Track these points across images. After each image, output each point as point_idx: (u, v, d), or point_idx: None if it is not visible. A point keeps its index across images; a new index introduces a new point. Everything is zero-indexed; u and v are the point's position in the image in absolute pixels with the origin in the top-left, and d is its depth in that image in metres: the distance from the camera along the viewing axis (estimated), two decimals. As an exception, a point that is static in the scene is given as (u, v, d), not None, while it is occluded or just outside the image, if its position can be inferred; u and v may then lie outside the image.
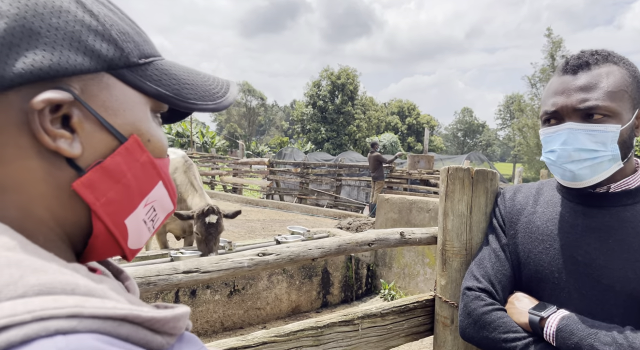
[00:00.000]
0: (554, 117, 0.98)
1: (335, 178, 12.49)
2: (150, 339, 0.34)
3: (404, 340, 1.31)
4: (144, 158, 0.43)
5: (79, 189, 0.39)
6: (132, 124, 0.42)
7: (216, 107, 0.48)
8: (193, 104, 0.46)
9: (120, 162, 0.41)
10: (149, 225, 0.46)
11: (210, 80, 0.50)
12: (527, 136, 33.96)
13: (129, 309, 0.32)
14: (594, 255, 0.96)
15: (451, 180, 1.29)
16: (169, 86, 0.45)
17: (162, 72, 0.45)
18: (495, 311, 1.04)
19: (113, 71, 0.41)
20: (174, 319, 0.36)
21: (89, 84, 0.39)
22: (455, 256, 1.28)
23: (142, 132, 0.43)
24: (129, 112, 0.42)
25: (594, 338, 0.87)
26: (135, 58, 0.42)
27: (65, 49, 0.37)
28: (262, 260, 0.98)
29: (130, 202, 0.43)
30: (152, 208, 0.46)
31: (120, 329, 0.31)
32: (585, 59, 0.96)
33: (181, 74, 0.47)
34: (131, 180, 0.42)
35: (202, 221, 3.58)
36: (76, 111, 0.39)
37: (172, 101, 0.45)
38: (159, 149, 0.46)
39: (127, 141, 0.42)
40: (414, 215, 4.74)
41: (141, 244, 0.46)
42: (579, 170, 0.95)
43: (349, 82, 40.03)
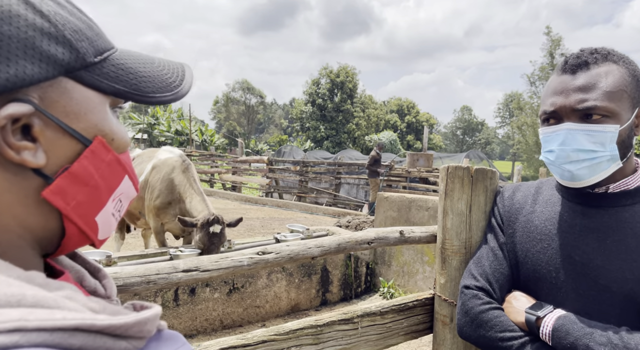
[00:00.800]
0: (552, 117, 0.98)
1: (334, 176, 12.49)
2: (110, 345, 0.33)
3: (404, 338, 1.31)
4: (110, 157, 0.43)
5: (48, 197, 0.39)
6: (94, 125, 0.42)
7: (174, 98, 0.47)
8: (152, 97, 0.45)
9: (87, 165, 0.41)
10: (117, 216, 0.47)
11: (165, 69, 0.49)
12: (526, 134, 33.98)
13: (82, 318, 0.31)
14: (591, 256, 0.96)
15: (451, 179, 1.29)
16: (127, 82, 0.44)
17: (119, 68, 0.44)
18: (492, 310, 1.04)
19: (70, 74, 0.40)
20: (137, 324, 0.35)
21: (48, 91, 0.38)
22: (454, 255, 1.28)
23: (105, 133, 0.43)
24: (91, 115, 0.41)
25: (589, 338, 0.88)
26: (90, 57, 0.41)
27: (20, 58, 0.35)
28: (262, 259, 0.98)
29: (99, 200, 0.43)
30: (118, 201, 0.46)
31: (71, 340, 0.30)
32: (585, 58, 0.96)
33: (137, 67, 0.46)
34: (99, 180, 0.42)
35: (205, 231, 3.52)
36: (37, 120, 0.37)
37: (131, 97, 0.44)
38: (123, 145, 0.46)
39: (92, 144, 0.41)
40: (413, 213, 4.75)
41: (109, 233, 0.47)
42: (578, 171, 0.95)
43: (348, 80, 39.99)
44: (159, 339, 0.39)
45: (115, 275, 0.80)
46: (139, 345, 0.36)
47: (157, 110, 32.24)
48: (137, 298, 3.54)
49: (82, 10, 0.43)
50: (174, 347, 0.40)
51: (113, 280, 0.81)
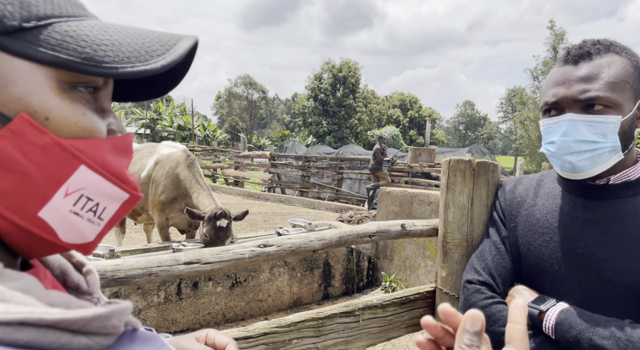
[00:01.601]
0: (554, 108, 0.98)
1: (336, 171, 12.49)
2: (66, 340, 0.30)
3: (405, 331, 1.32)
4: (45, 140, 0.36)
5: None
6: (17, 99, 0.35)
7: (147, 69, 0.38)
8: (111, 67, 0.37)
9: (5, 147, 0.34)
10: (88, 217, 0.40)
11: (149, 37, 0.41)
12: (529, 129, 33.84)
13: (28, 312, 0.28)
14: (593, 248, 0.96)
15: (452, 172, 1.29)
16: (75, 50, 0.36)
17: (66, 35, 0.37)
18: (495, 304, 1.04)
19: None
20: (98, 318, 0.32)
21: None
22: (456, 248, 1.28)
23: (34, 109, 0.36)
24: (13, 87, 0.35)
25: (592, 332, 0.87)
26: (14, 21, 0.35)
27: None
28: (263, 252, 0.98)
29: (37, 192, 0.36)
30: (82, 197, 0.39)
31: (17, 334, 0.28)
32: (587, 49, 0.95)
33: (99, 35, 0.38)
34: (29, 167, 0.35)
35: (212, 225, 3.57)
36: None
37: (80, 67, 0.36)
38: (73, 128, 0.38)
39: (12, 121, 0.35)
40: (415, 208, 4.75)
41: (87, 238, 0.40)
42: (579, 162, 0.94)
43: (351, 75, 39.86)
44: (133, 339, 0.36)
45: (117, 268, 0.81)
46: (104, 343, 0.33)
47: (160, 105, 32.24)
48: (140, 291, 3.56)
49: None
50: (150, 348, 0.37)
51: (115, 272, 0.82)
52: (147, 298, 3.61)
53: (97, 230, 0.41)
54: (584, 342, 0.88)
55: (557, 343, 0.93)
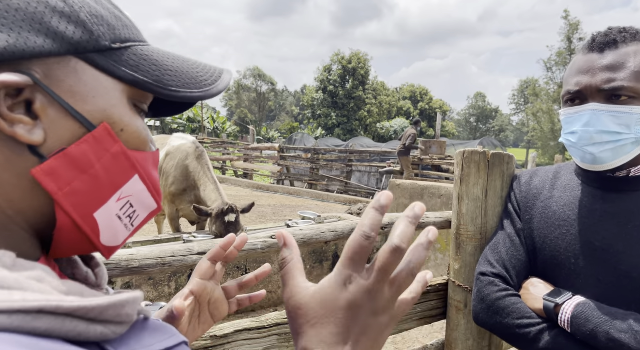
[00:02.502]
0: (577, 97, 0.95)
1: (345, 164, 12.47)
2: (83, 329, 0.31)
3: (417, 323, 1.31)
4: (116, 148, 0.41)
5: (38, 176, 0.37)
6: (102, 111, 0.40)
7: (202, 95, 0.45)
8: (175, 91, 0.43)
9: (86, 151, 0.39)
10: (125, 222, 0.44)
11: (200, 68, 0.47)
12: (542, 121, 33.38)
13: (46, 300, 0.29)
14: (612, 241, 0.94)
15: (466, 164, 1.27)
16: (148, 72, 0.42)
17: (141, 58, 0.42)
18: (509, 297, 1.03)
19: (82, 55, 0.39)
20: (113, 307, 0.33)
21: (54, 68, 0.37)
22: (469, 240, 1.26)
23: (114, 121, 0.41)
24: (100, 99, 0.40)
25: (609, 325, 0.86)
26: (106, 42, 0.40)
27: (24, 30, 0.35)
28: (276, 243, 0.98)
29: (99, 194, 0.40)
30: (127, 203, 0.43)
31: (36, 322, 0.28)
32: (613, 37, 0.92)
33: (164, 60, 0.44)
34: (100, 171, 0.40)
35: (221, 220, 3.55)
36: (39, 96, 0.37)
37: (152, 88, 0.42)
38: (136, 141, 0.43)
39: (96, 129, 0.39)
40: (426, 200, 4.72)
41: (117, 241, 0.44)
42: (600, 153, 0.92)
43: (360, 67, 39.58)
44: (144, 328, 0.38)
45: (131, 257, 0.81)
46: (118, 331, 0.34)
47: (169, 98, 32.42)
48: (151, 282, 3.60)
49: (113, 3, 0.44)
50: (161, 337, 0.38)
51: (129, 262, 0.82)
52: (159, 289, 3.65)
53: (126, 235, 0.45)
54: (601, 335, 0.86)
55: (573, 337, 0.92)
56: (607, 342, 0.86)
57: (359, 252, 0.39)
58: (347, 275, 0.39)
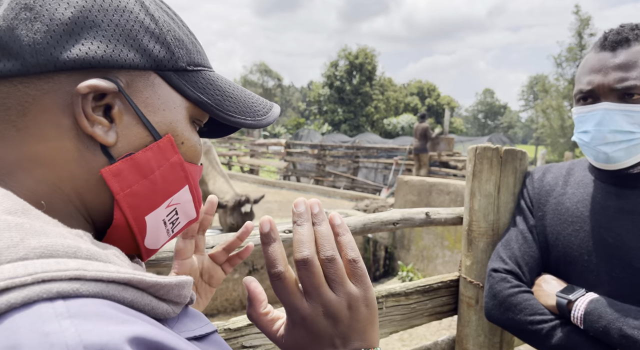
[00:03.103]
0: (589, 96, 0.95)
1: (352, 160, 12.45)
2: (155, 305, 0.34)
3: (428, 319, 1.31)
4: (175, 159, 0.44)
5: (106, 176, 0.40)
6: (169, 123, 0.43)
7: (255, 124, 0.49)
8: (232, 116, 0.47)
9: (150, 158, 0.42)
10: (169, 228, 0.47)
11: (254, 99, 0.51)
12: (551, 118, 33.05)
13: (132, 273, 0.32)
14: (625, 238, 0.94)
15: (479, 160, 1.26)
16: (212, 96, 0.46)
17: (208, 82, 0.46)
18: (522, 293, 1.02)
19: (161, 72, 0.43)
20: (178, 286, 0.36)
21: (136, 79, 0.41)
22: (481, 236, 1.26)
23: (177, 133, 0.44)
24: (168, 113, 0.43)
25: (622, 322, 0.86)
26: (183, 63, 0.44)
27: (120, 43, 0.39)
28: (289, 238, 0.98)
29: (153, 199, 0.43)
30: (174, 211, 0.46)
31: (124, 293, 0.31)
32: (625, 35, 0.91)
33: (226, 87, 0.48)
34: (158, 177, 0.43)
35: (238, 212, 3.71)
36: (118, 102, 0.40)
37: (212, 110, 0.46)
38: (192, 154, 0.47)
39: (161, 139, 0.43)
40: (434, 197, 4.70)
41: (158, 245, 0.47)
42: (614, 153, 0.92)
43: (367, 62, 39.38)
44: (187, 314, 0.40)
45: (146, 250, 0.82)
46: (176, 311, 0.37)
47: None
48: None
49: (191, 31, 0.48)
50: (200, 323, 0.41)
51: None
52: (168, 282, 3.69)
53: (165, 240, 0.48)
54: (614, 332, 0.86)
55: (586, 333, 0.92)
56: (620, 338, 0.86)
57: (280, 293, 0.43)
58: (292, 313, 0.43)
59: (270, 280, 0.43)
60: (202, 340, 0.39)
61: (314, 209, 0.45)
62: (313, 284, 0.41)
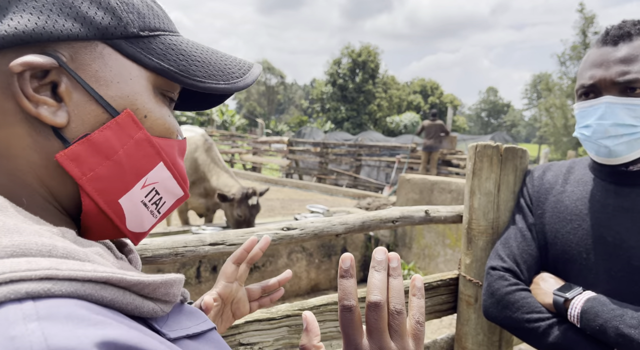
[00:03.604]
0: (591, 91, 0.94)
1: (354, 158, 12.43)
2: (139, 304, 0.33)
3: (427, 317, 1.31)
4: (140, 135, 0.41)
5: (62, 161, 0.37)
6: (126, 97, 0.40)
7: (229, 87, 0.45)
8: (200, 81, 0.43)
9: (110, 137, 0.39)
10: (152, 209, 0.44)
11: (229, 60, 0.47)
12: (555, 117, 32.90)
13: (112, 272, 0.31)
14: (624, 236, 0.93)
15: (479, 158, 1.26)
16: (175, 61, 0.42)
17: (169, 47, 0.42)
18: (519, 291, 1.02)
19: (109, 41, 0.39)
20: (164, 284, 0.35)
21: (81, 52, 0.38)
22: (481, 235, 1.25)
23: (137, 107, 0.41)
24: (124, 85, 0.40)
25: (619, 320, 0.85)
26: (135, 29, 0.40)
27: (53, 13, 0.36)
28: (287, 235, 0.98)
29: (123, 180, 0.40)
30: (153, 190, 0.43)
31: (103, 292, 0.30)
32: (627, 29, 0.91)
33: (192, 51, 0.44)
34: (123, 157, 0.40)
35: (245, 204, 3.70)
36: (64, 79, 0.37)
37: (177, 77, 0.42)
38: (160, 128, 0.43)
39: (119, 115, 0.39)
40: (436, 195, 4.69)
41: (144, 227, 0.45)
42: (615, 146, 0.91)
43: (370, 60, 39.27)
44: (182, 311, 0.39)
45: (144, 247, 0.82)
46: (165, 310, 0.36)
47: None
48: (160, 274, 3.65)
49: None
50: (197, 321, 0.39)
51: (142, 252, 0.83)
52: (169, 279, 3.69)
53: (153, 222, 0.46)
54: (610, 330, 0.86)
55: (583, 332, 0.92)
56: (616, 337, 0.85)
57: (346, 325, 0.42)
58: (350, 346, 0.43)
59: (340, 311, 0.44)
60: (197, 337, 0.38)
61: (392, 263, 0.46)
62: (378, 326, 0.42)
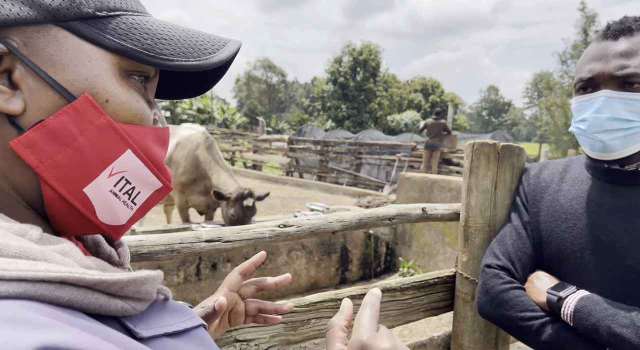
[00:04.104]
0: (589, 85, 0.94)
1: (355, 156, 12.43)
2: (104, 303, 0.31)
3: (424, 315, 1.31)
4: (101, 121, 0.39)
5: (16, 149, 0.36)
6: (84, 80, 0.38)
7: (200, 64, 0.42)
8: (167, 60, 0.41)
9: (67, 123, 0.37)
10: (124, 199, 0.42)
11: (201, 37, 0.45)
12: (555, 115, 32.86)
13: (68, 271, 0.29)
14: (618, 235, 0.93)
15: (476, 156, 1.26)
16: (139, 41, 0.40)
17: (131, 26, 0.40)
18: (513, 289, 1.02)
19: (63, 24, 0.37)
20: (133, 282, 0.33)
21: (33, 36, 0.36)
22: (477, 233, 1.26)
23: (97, 91, 0.39)
24: (82, 68, 0.38)
25: (611, 320, 0.85)
26: (90, 9, 0.38)
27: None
28: (283, 232, 0.98)
29: (86, 168, 0.38)
30: (122, 179, 0.41)
31: (58, 292, 0.29)
32: (629, 24, 0.91)
33: (159, 29, 0.42)
34: (84, 144, 0.38)
35: (239, 204, 3.67)
36: (19, 66, 0.36)
37: (142, 57, 0.40)
38: (127, 113, 0.41)
39: (76, 100, 0.37)
40: (435, 194, 4.70)
41: (120, 220, 0.42)
42: (610, 141, 0.91)
43: (371, 59, 39.21)
44: (164, 308, 0.38)
45: (140, 243, 0.82)
46: (138, 308, 0.34)
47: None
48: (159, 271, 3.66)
49: None
50: (181, 318, 0.38)
51: (138, 248, 0.84)
52: (167, 278, 3.70)
53: (129, 214, 0.43)
54: (603, 330, 0.86)
55: (575, 330, 0.92)
56: (608, 336, 0.85)
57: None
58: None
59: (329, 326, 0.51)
60: (179, 335, 0.37)
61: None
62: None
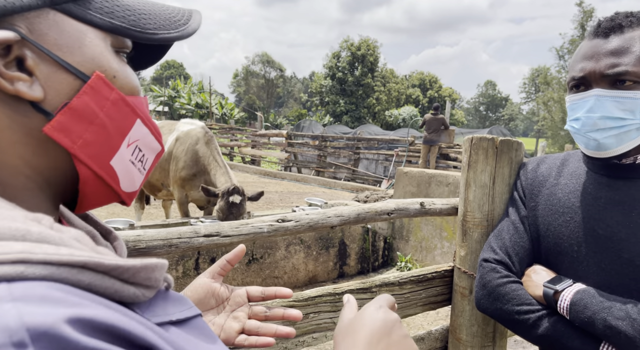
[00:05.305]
0: (582, 84, 0.94)
1: (353, 151, 12.42)
2: (119, 288, 0.32)
3: (422, 309, 1.32)
4: (114, 95, 0.41)
5: (51, 133, 0.37)
6: (91, 60, 0.40)
7: (179, 35, 0.45)
8: (153, 33, 0.43)
9: (88, 102, 0.39)
10: (138, 167, 0.45)
11: (170, 9, 0.47)
12: (552, 110, 32.89)
13: (89, 256, 0.31)
14: (615, 229, 0.93)
15: (474, 150, 1.26)
16: (124, 17, 0.42)
17: (114, 4, 0.42)
18: (510, 283, 1.03)
19: (58, 7, 0.39)
20: (144, 269, 0.35)
21: (35, 22, 0.37)
22: (476, 227, 1.26)
23: (104, 68, 0.41)
24: (86, 48, 0.40)
25: (607, 312, 0.86)
26: None
27: None
28: (282, 226, 0.98)
29: (110, 142, 0.41)
30: (137, 148, 0.44)
31: (80, 276, 0.30)
32: (619, 21, 0.90)
33: (135, 4, 0.44)
34: (105, 119, 0.41)
35: (225, 200, 3.60)
36: (29, 52, 0.37)
37: (130, 33, 0.42)
38: (129, 86, 0.43)
39: (91, 79, 0.40)
40: (433, 189, 4.70)
41: (135, 186, 0.46)
42: (604, 139, 0.91)
43: (369, 54, 39.08)
44: (167, 298, 0.39)
45: (138, 238, 0.82)
46: (147, 295, 0.36)
47: (178, 83, 32.35)
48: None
49: None
50: (182, 308, 0.39)
51: (136, 243, 0.83)
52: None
53: (142, 179, 0.47)
54: (598, 322, 0.86)
55: (572, 323, 0.92)
56: (604, 329, 0.86)
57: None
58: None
59: None
60: (181, 324, 0.38)
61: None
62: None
